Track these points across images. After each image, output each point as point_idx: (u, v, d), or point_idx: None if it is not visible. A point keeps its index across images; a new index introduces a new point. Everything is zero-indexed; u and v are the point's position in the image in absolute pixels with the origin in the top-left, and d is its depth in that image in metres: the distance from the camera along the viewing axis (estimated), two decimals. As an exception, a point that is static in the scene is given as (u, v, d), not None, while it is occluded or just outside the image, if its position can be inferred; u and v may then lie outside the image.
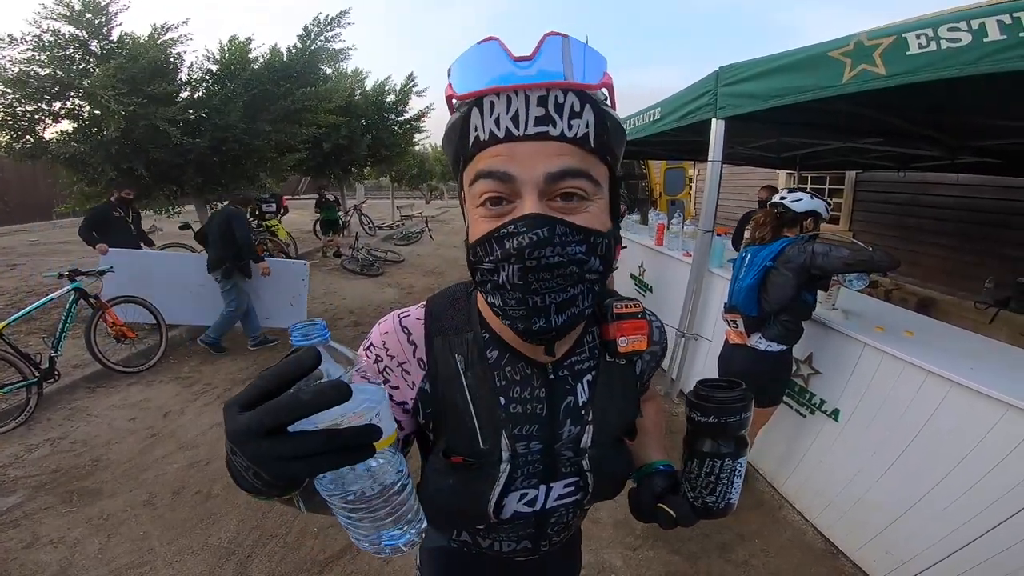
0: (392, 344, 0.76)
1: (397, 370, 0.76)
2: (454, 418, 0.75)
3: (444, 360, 0.75)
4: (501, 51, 0.56)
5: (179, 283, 5.39)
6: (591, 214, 0.61)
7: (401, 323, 0.78)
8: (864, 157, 5.19)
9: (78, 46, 5.42)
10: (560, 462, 0.79)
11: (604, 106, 0.60)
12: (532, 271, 0.58)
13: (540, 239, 0.57)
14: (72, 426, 3.66)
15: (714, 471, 0.73)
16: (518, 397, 0.75)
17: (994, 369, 2.08)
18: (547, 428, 0.77)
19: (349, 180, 14.09)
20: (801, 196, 2.58)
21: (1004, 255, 5.17)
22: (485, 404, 0.74)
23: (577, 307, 0.63)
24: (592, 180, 0.60)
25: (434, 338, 0.76)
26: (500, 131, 0.57)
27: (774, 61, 2.61)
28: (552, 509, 0.83)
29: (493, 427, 0.74)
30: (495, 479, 0.75)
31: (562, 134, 0.57)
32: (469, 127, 0.59)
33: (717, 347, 2.99)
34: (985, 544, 1.92)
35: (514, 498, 0.78)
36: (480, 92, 0.57)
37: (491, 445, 0.74)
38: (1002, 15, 1.63)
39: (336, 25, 7.23)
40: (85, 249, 5.41)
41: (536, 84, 0.55)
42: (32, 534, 2.60)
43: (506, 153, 0.58)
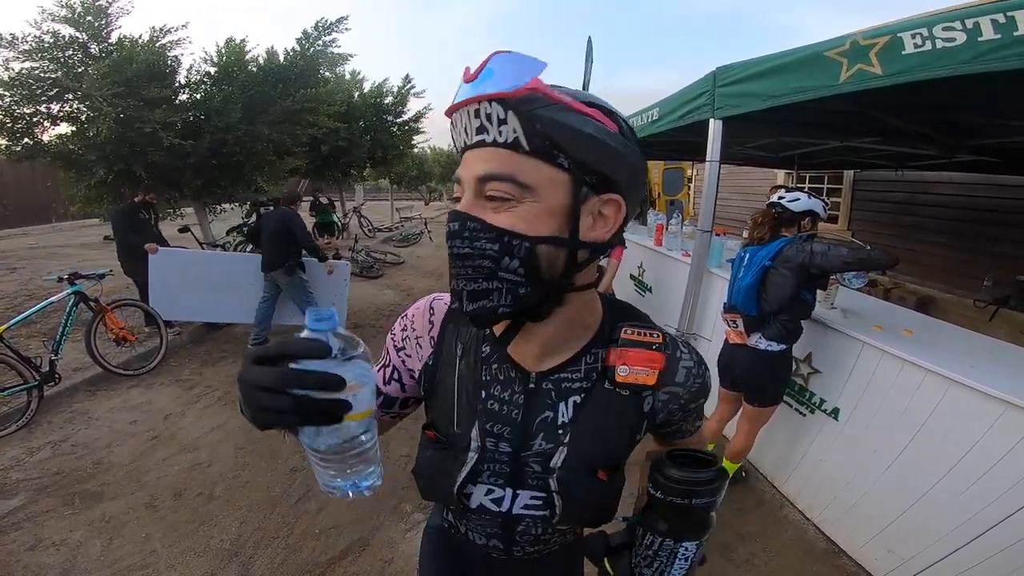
0: (418, 320, 0.87)
1: (414, 341, 0.86)
2: (442, 397, 0.83)
3: (449, 344, 0.83)
4: (463, 75, 0.63)
5: (228, 282, 5.42)
6: (515, 215, 0.63)
7: (432, 304, 0.87)
8: (862, 156, 5.20)
9: (77, 48, 5.43)
10: (527, 473, 0.80)
11: (538, 110, 0.59)
12: (454, 258, 0.66)
13: (452, 231, 0.65)
14: (73, 429, 3.67)
15: (652, 547, 0.72)
16: (497, 396, 0.79)
17: (993, 367, 2.09)
18: (518, 434, 0.78)
19: (348, 182, 14.10)
20: (799, 196, 2.59)
21: (1003, 253, 5.17)
22: (468, 393, 0.80)
23: (490, 301, 0.66)
24: (518, 184, 0.62)
25: (449, 324, 0.84)
26: (459, 142, 0.67)
27: (771, 61, 2.62)
28: (519, 516, 0.84)
29: (468, 415, 0.79)
30: (462, 464, 0.79)
31: (494, 140, 0.62)
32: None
33: (717, 346, 3.00)
34: (987, 542, 1.92)
35: (481, 490, 0.82)
36: (448, 111, 0.66)
37: (463, 430, 0.79)
38: (996, 14, 1.64)
39: (334, 30, 7.26)
40: (84, 252, 5.44)
41: (465, 100, 0.61)
42: (34, 536, 2.60)
43: (464, 160, 0.66)
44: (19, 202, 14.10)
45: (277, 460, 3.29)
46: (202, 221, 7.32)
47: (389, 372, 0.89)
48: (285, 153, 7.78)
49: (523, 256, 0.64)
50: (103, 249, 11.01)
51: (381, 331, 6.05)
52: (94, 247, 11.27)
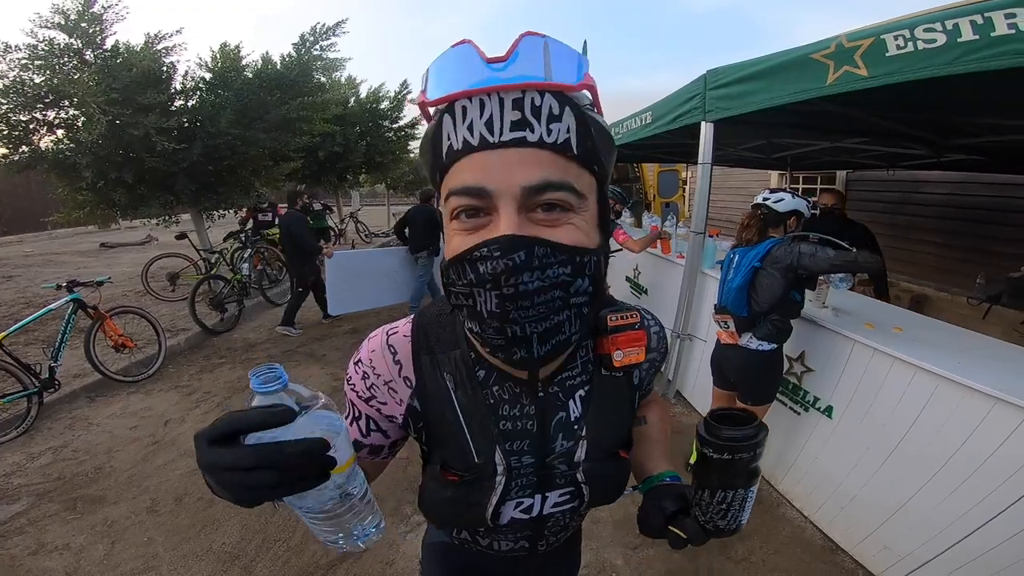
0: (378, 362, 0.75)
1: (383, 388, 0.75)
2: (447, 434, 0.75)
3: (432, 378, 0.74)
4: (474, 53, 0.52)
5: (382, 272, 6.51)
6: (577, 228, 0.57)
7: (388, 341, 0.76)
8: (853, 157, 5.25)
9: (72, 55, 5.45)
10: (554, 475, 0.78)
11: (587, 110, 0.56)
12: (510, 299, 0.54)
13: (517, 264, 0.52)
14: (73, 435, 3.68)
15: (726, 500, 0.71)
16: (508, 415, 0.74)
17: (981, 363, 2.10)
18: (538, 443, 0.76)
19: (344, 188, 14.12)
20: (783, 196, 2.61)
21: (995, 251, 5.22)
22: (478, 421, 0.73)
23: (563, 334, 0.59)
24: (576, 192, 0.55)
25: (421, 356, 0.75)
26: (474, 138, 0.53)
27: (759, 64, 2.66)
28: (549, 515, 0.83)
29: (487, 443, 0.74)
30: (491, 490, 0.75)
31: (541, 140, 0.52)
32: (442, 136, 0.55)
33: (711, 346, 3.02)
34: (981, 538, 1.93)
35: (510, 506, 0.79)
36: (452, 96, 0.52)
37: (486, 459, 0.74)
38: (974, 15, 1.67)
39: (331, 34, 7.28)
40: (81, 260, 5.48)
41: (511, 85, 0.51)
42: (37, 541, 2.62)
43: (481, 165, 0.53)
44: (14, 210, 14.08)
45: None
46: (199, 228, 7.34)
47: (364, 424, 0.79)
48: (281, 159, 7.80)
49: (592, 271, 0.58)
50: (99, 256, 11.03)
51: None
52: (90, 254, 11.28)
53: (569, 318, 0.58)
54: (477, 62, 0.51)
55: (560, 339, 0.59)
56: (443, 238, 0.62)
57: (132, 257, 10.60)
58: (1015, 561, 1.84)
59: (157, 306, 6.70)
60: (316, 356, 5.35)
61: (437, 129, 0.56)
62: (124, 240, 13.19)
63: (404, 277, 6.62)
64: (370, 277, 6.37)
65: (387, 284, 6.50)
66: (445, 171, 0.57)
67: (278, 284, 8.10)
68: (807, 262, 2.39)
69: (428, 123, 0.58)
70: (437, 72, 0.54)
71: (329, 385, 4.57)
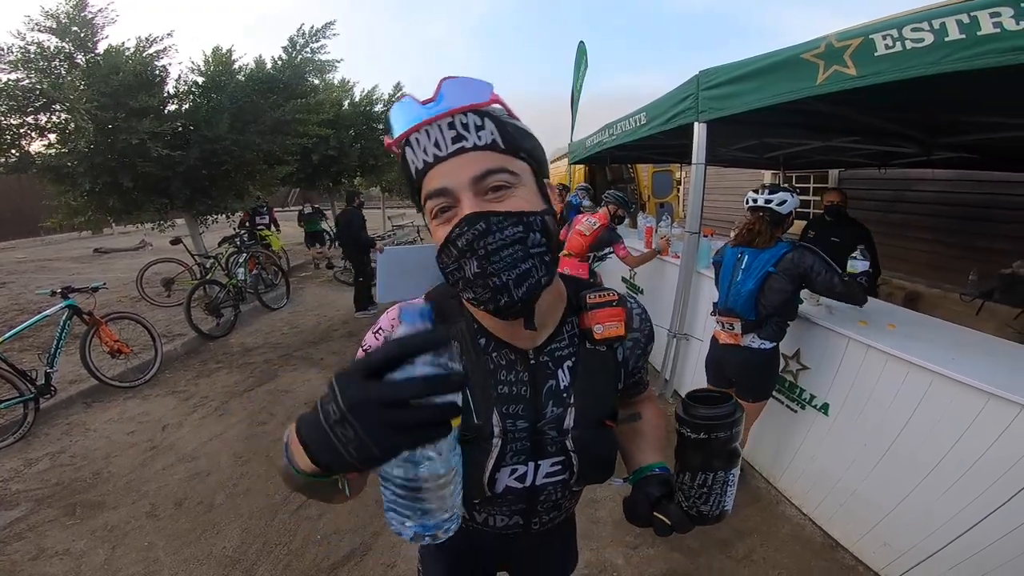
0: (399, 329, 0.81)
1: None
2: None
3: None
4: (413, 102, 0.69)
5: (425, 265, 6.32)
6: (519, 198, 0.72)
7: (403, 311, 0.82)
8: (845, 155, 5.29)
9: (63, 59, 5.44)
10: (545, 441, 0.85)
11: (504, 117, 0.73)
12: (484, 258, 0.69)
13: (480, 231, 0.68)
14: (71, 440, 3.68)
15: (707, 483, 0.76)
16: (505, 379, 0.84)
17: (974, 359, 2.11)
18: (531, 407, 0.84)
19: (339, 191, 14.12)
20: (785, 197, 2.61)
21: (987, 248, 5.25)
22: (479, 385, 0.83)
23: (533, 278, 0.71)
24: (510, 172, 0.71)
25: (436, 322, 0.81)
26: (429, 157, 0.70)
27: (751, 64, 2.68)
28: (542, 486, 0.89)
29: (486, 405, 0.82)
30: (488, 452, 0.82)
31: (475, 144, 0.69)
32: (408, 163, 0.72)
33: (707, 346, 3.03)
34: (982, 531, 1.94)
35: (505, 473, 0.85)
36: (406, 133, 0.70)
37: (484, 420, 0.82)
38: (960, 15, 1.70)
39: (321, 36, 7.28)
40: (75, 266, 5.49)
41: (442, 114, 0.68)
42: (37, 546, 2.62)
43: (439, 174, 0.70)
44: (6, 216, 14.00)
45: (275, 468, 3.29)
46: (193, 232, 7.33)
47: None
48: (276, 162, 7.80)
49: (540, 227, 0.72)
50: (93, 262, 10.98)
51: (376, 338, 6.07)
52: (84, 260, 11.23)
53: (535, 265, 0.71)
54: (417, 107, 0.69)
55: (531, 283, 0.71)
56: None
57: (127, 263, 10.56)
58: (1015, 556, 1.85)
59: (152, 312, 6.68)
60: (313, 360, 5.35)
61: (403, 159, 0.73)
62: (118, 245, 13.13)
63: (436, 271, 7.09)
64: (414, 269, 6.87)
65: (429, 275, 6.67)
66: (419, 187, 0.74)
67: (274, 288, 8.07)
68: (814, 278, 2.45)
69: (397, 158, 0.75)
70: (393, 120, 0.71)
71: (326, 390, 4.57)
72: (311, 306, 7.69)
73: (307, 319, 6.97)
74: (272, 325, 6.69)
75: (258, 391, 4.56)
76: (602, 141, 5.23)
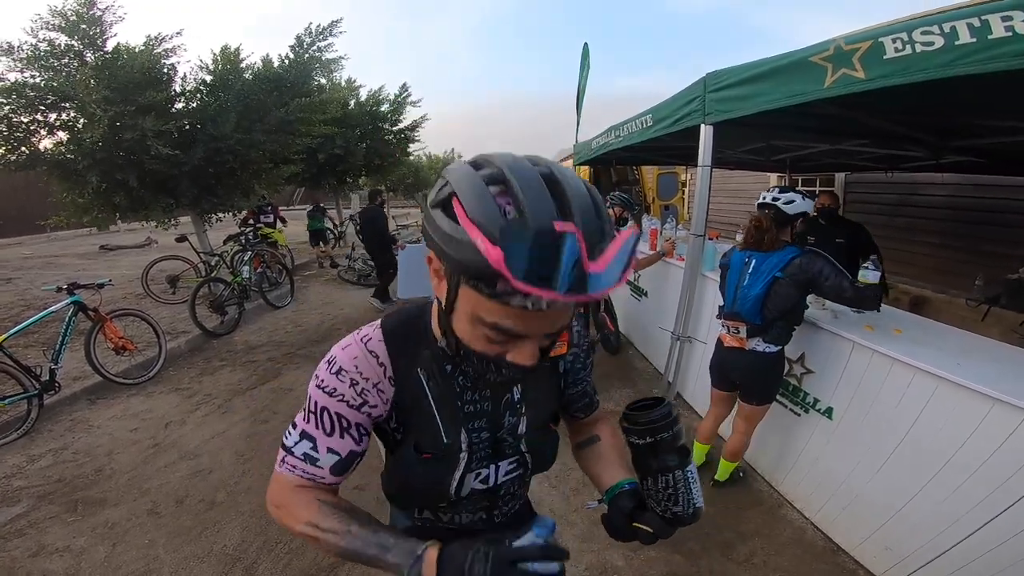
0: (364, 368, 0.85)
1: (373, 390, 0.86)
2: (421, 421, 0.89)
3: (410, 374, 0.87)
4: (581, 255, 0.54)
5: None
6: (562, 342, 0.88)
7: (368, 347, 0.87)
8: (852, 159, 5.26)
9: (73, 56, 5.47)
10: (504, 445, 0.96)
11: None
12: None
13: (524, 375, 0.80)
14: (74, 437, 3.69)
15: (669, 484, 0.81)
16: (470, 399, 0.91)
17: (980, 364, 2.10)
18: (492, 419, 0.93)
19: (344, 190, 14.15)
20: (793, 197, 2.61)
21: (992, 252, 5.23)
22: (447, 407, 0.89)
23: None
24: (568, 321, 0.73)
25: (398, 357, 0.87)
26: (531, 306, 0.60)
27: (759, 67, 2.67)
28: (502, 483, 1.00)
29: (455, 425, 0.90)
30: (456, 464, 0.90)
31: (565, 304, 0.63)
32: (497, 281, 0.59)
33: (711, 349, 3.02)
34: (984, 537, 1.93)
35: (471, 478, 0.94)
36: (557, 298, 0.54)
37: (452, 439, 0.90)
38: (971, 18, 1.68)
39: (328, 35, 7.29)
40: (80, 262, 5.51)
41: (592, 296, 0.56)
42: (38, 543, 2.62)
43: (526, 321, 0.64)
44: (13, 212, 14.08)
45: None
46: (198, 230, 7.35)
47: (356, 432, 0.87)
48: (282, 161, 7.81)
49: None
50: (99, 259, 11.04)
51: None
52: (90, 257, 11.29)
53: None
54: (579, 265, 0.54)
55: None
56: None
57: (132, 260, 10.62)
58: (1016, 561, 1.84)
59: (157, 309, 6.71)
60: (316, 359, 5.28)
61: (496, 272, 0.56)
62: (124, 243, 13.21)
63: None
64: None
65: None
66: (490, 297, 0.62)
67: (278, 287, 8.09)
68: (822, 283, 2.43)
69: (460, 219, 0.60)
70: (538, 251, 0.53)
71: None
72: (315, 304, 7.72)
73: (311, 317, 6.98)
74: (276, 323, 6.71)
75: (261, 389, 4.57)
76: (608, 143, 5.22)
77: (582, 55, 8.35)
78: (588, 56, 8.28)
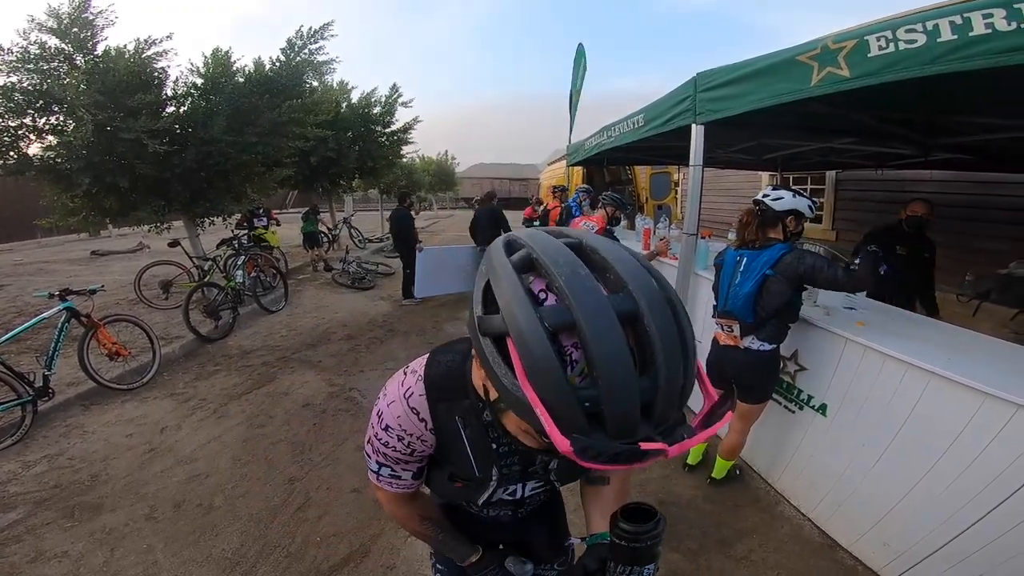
0: (407, 425, 0.95)
1: (418, 442, 0.97)
2: (456, 457, 0.99)
3: (448, 422, 0.96)
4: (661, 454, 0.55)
5: (459, 264, 8.01)
6: None
7: (409, 405, 0.95)
8: (842, 157, 5.31)
9: (63, 59, 5.44)
10: (533, 475, 1.06)
11: None
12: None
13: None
14: (69, 443, 3.67)
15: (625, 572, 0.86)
16: (505, 442, 0.98)
17: (972, 359, 2.12)
18: (525, 457, 1.02)
19: (337, 193, 14.11)
20: (783, 194, 2.59)
21: (982, 248, 5.28)
22: (481, 450, 0.98)
23: None
24: None
25: (438, 407, 0.95)
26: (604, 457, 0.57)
27: (748, 66, 2.68)
28: (529, 496, 1.13)
29: (487, 464, 1.00)
30: (486, 489, 1.02)
31: None
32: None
33: (705, 347, 3.03)
34: (980, 531, 1.95)
35: (500, 491, 1.05)
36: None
37: (484, 474, 1.00)
38: (954, 16, 1.70)
39: (320, 37, 7.29)
40: (71, 268, 5.49)
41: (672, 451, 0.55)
42: (35, 549, 2.61)
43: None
44: (4, 218, 13.96)
45: (275, 470, 3.30)
46: (191, 234, 7.32)
47: (415, 470, 1.04)
48: (274, 164, 7.79)
49: None
50: (90, 264, 10.96)
51: (375, 341, 6.08)
52: (81, 262, 11.21)
53: None
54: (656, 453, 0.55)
55: None
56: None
57: (124, 265, 10.55)
58: (1013, 555, 1.85)
59: (151, 314, 6.67)
60: (312, 363, 5.35)
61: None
62: (115, 248, 13.10)
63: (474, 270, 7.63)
64: (449, 268, 7.91)
65: (462, 275, 7.99)
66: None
67: (272, 291, 8.07)
68: (816, 277, 2.43)
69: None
70: (613, 458, 0.54)
71: (326, 391, 4.57)
72: (309, 308, 7.70)
73: (305, 321, 6.97)
74: (270, 327, 6.69)
75: (256, 393, 4.56)
76: (601, 143, 5.24)
77: (576, 56, 8.37)
78: (583, 57, 8.30)
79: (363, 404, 4.32)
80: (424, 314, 7.40)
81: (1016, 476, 1.82)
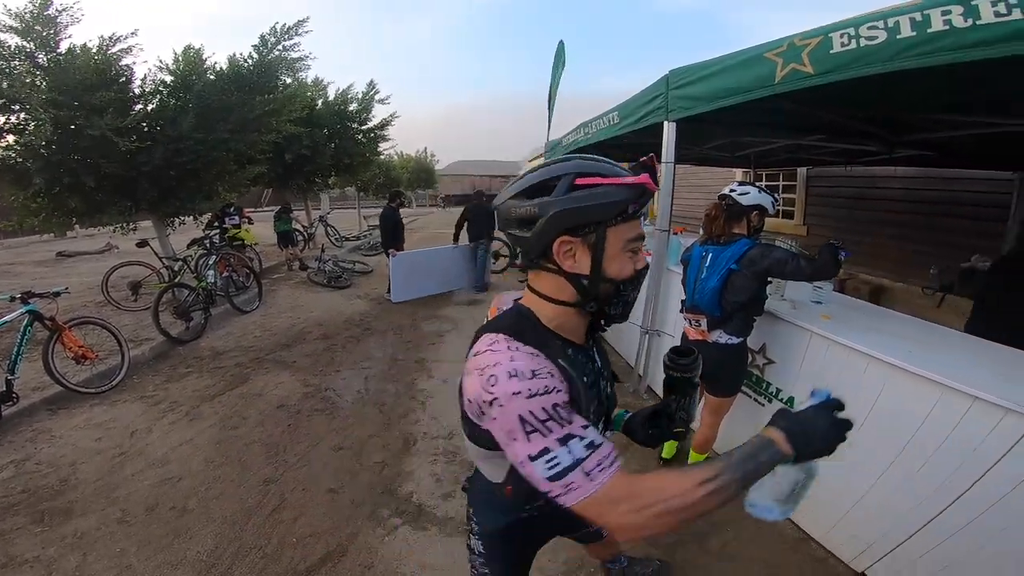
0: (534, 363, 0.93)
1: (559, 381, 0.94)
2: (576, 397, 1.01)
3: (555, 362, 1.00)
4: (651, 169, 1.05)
5: (438, 266, 8.23)
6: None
7: (520, 350, 0.95)
8: (812, 153, 5.42)
9: (24, 58, 5.29)
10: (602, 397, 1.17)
11: None
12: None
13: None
14: (36, 448, 3.58)
15: (691, 401, 1.27)
16: (586, 371, 1.09)
17: (932, 352, 2.17)
18: (597, 375, 1.16)
19: (313, 191, 13.94)
20: (749, 189, 2.63)
21: (946, 242, 5.45)
22: (581, 381, 1.04)
23: None
24: None
25: (544, 348, 0.98)
26: (641, 211, 1.02)
27: (718, 64, 2.72)
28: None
29: (588, 397, 1.07)
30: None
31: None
32: (629, 206, 0.97)
33: (676, 342, 3.07)
34: (943, 522, 1.98)
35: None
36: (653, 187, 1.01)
37: (586, 410, 1.04)
38: (914, 13, 1.74)
39: (294, 34, 7.20)
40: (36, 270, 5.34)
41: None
42: (6, 554, 2.55)
43: (639, 224, 1.04)
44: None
45: (249, 472, 3.27)
46: (160, 235, 7.17)
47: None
48: (247, 162, 7.67)
49: None
50: (56, 266, 10.69)
51: (351, 340, 6.03)
52: (47, 264, 10.93)
53: None
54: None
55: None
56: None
57: (91, 266, 10.31)
58: (978, 546, 1.89)
59: (119, 316, 6.53)
60: (286, 363, 5.28)
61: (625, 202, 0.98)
62: (82, 249, 12.78)
63: (455, 270, 8.45)
64: (424, 273, 7.97)
65: (438, 278, 8.22)
66: (632, 217, 1.01)
67: (245, 291, 7.94)
68: (783, 270, 2.46)
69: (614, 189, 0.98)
70: (642, 170, 1.02)
71: (300, 391, 4.53)
72: (284, 308, 7.60)
73: (280, 321, 6.88)
74: (244, 328, 6.59)
75: (229, 395, 4.49)
76: (577, 140, 5.28)
77: (556, 53, 8.39)
78: (563, 54, 8.31)
79: (339, 404, 4.29)
80: (402, 312, 7.34)
81: (975, 466, 1.86)
